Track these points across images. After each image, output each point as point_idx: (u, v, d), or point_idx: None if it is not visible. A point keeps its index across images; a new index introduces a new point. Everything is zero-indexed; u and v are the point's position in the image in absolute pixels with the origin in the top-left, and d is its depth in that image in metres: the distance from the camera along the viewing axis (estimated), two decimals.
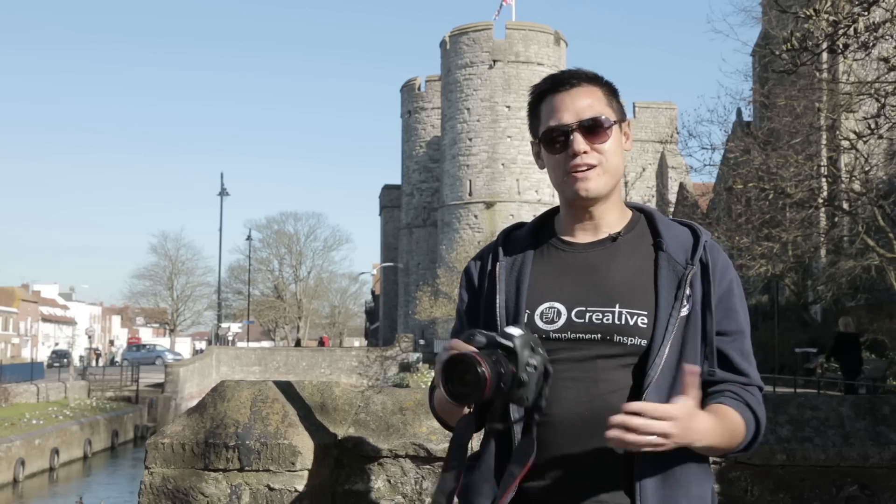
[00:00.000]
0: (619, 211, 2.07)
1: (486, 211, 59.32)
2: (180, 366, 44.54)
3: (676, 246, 2.01)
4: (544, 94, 2.05)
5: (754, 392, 1.99)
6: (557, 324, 1.96)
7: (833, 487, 3.16)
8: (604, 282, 1.97)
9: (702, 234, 2.04)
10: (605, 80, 2.07)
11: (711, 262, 1.99)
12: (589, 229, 2.05)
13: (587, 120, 1.98)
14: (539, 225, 2.14)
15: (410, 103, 70.75)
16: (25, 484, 28.16)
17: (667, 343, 1.91)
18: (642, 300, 1.95)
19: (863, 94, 16.77)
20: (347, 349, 58.95)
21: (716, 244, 2.05)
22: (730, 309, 2.00)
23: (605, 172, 2.00)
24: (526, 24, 60.99)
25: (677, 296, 1.94)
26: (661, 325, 1.92)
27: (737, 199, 24.27)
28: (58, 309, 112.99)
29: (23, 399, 36.09)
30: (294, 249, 79.64)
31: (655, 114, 65.23)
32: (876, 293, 25.42)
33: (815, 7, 8.68)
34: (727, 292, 2.00)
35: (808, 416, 3.20)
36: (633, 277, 1.98)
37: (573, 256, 2.03)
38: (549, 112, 2.03)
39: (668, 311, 1.93)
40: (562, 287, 1.99)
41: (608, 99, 2.04)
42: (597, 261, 2.01)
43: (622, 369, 1.93)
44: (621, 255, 2.01)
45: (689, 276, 1.96)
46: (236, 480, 3.06)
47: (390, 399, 3.33)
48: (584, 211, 2.04)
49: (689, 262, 1.98)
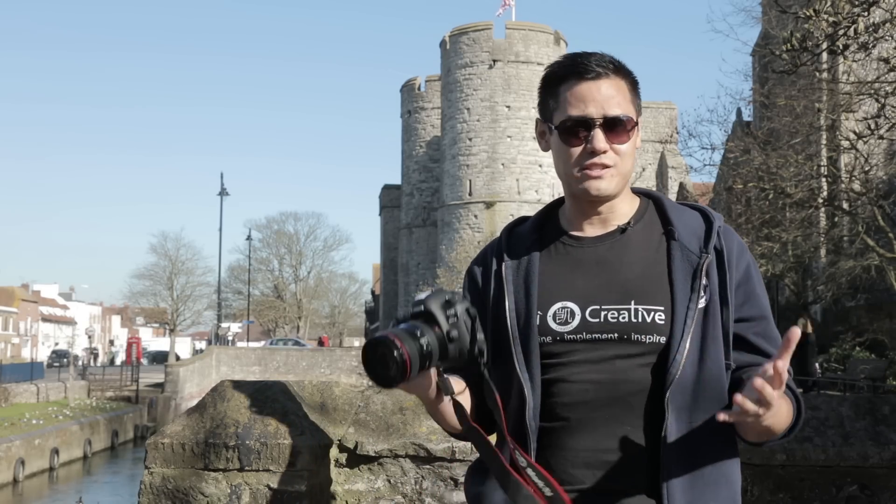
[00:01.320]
0: (627, 202, 1.97)
1: (486, 211, 59.31)
2: (180, 366, 44.52)
3: (688, 233, 1.91)
4: (566, 77, 1.91)
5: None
6: (572, 324, 1.87)
7: (833, 487, 3.16)
8: (617, 277, 1.88)
9: (714, 218, 1.94)
10: (629, 72, 1.96)
11: (727, 248, 1.89)
12: (597, 223, 1.96)
13: (612, 117, 1.88)
14: (543, 219, 2.05)
15: (410, 103, 70.73)
16: (25, 484, 28.16)
17: (686, 338, 1.82)
18: (658, 294, 1.86)
19: (863, 95, 16.77)
20: (347, 349, 58.88)
21: (729, 228, 1.96)
22: (750, 294, 1.90)
23: (619, 174, 1.91)
24: (526, 24, 60.99)
25: (693, 287, 1.85)
26: (680, 319, 1.83)
27: (737, 199, 24.26)
28: (58, 309, 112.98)
29: (23, 399, 36.10)
30: (294, 249, 79.69)
31: (655, 114, 65.19)
32: (876, 293, 25.40)
33: (815, 7, 8.68)
34: (745, 277, 1.90)
35: (808, 415, 3.20)
36: (647, 270, 1.88)
37: (582, 251, 1.94)
38: (571, 99, 1.89)
39: (686, 305, 1.84)
40: (573, 285, 1.90)
41: (632, 94, 1.94)
42: (608, 255, 1.91)
43: (642, 368, 1.84)
44: (632, 247, 1.92)
45: (704, 265, 1.87)
46: (236, 480, 3.06)
47: (390, 399, 3.33)
48: (591, 206, 1.94)
49: (704, 250, 1.88)
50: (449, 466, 3.21)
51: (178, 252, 66.51)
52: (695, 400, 1.82)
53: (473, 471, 2.01)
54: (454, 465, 3.20)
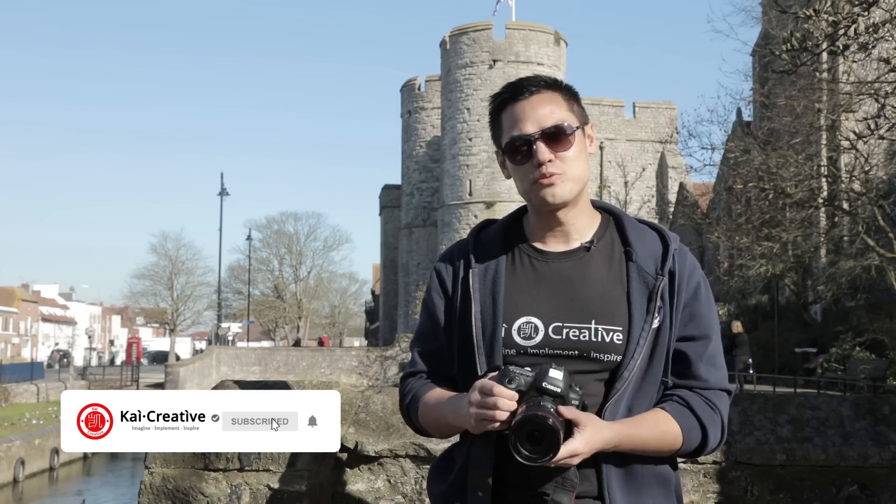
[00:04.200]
0: (587, 216, 2.07)
1: (486, 211, 59.31)
2: (180, 365, 44.56)
3: (646, 254, 2.01)
4: (504, 103, 2.03)
5: (711, 396, 2.00)
6: (535, 339, 1.95)
7: (833, 487, 3.16)
8: (579, 295, 1.97)
9: (671, 241, 2.04)
10: (564, 85, 2.05)
11: (679, 270, 1.99)
12: (560, 236, 2.04)
13: (549, 128, 1.97)
14: (508, 226, 2.12)
15: (410, 103, 70.73)
16: (25, 484, 28.16)
17: (637, 357, 1.93)
18: (616, 315, 1.96)
19: (863, 95, 16.78)
20: (347, 349, 58.92)
21: (684, 248, 2.05)
22: (695, 314, 2.01)
23: (570, 179, 1.98)
24: (526, 24, 61.00)
25: (649, 309, 1.96)
26: (634, 340, 1.94)
27: (737, 199, 24.28)
28: (58, 309, 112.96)
29: (23, 399, 36.11)
30: (294, 249, 79.63)
31: (655, 114, 65.15)
32: (876, 293, 25.40)
33: (815, 7, 8.68)
34: (693, 297, 2.01)
35: (807, 416, 3.20)
36: (607, 290, 1.98)
37: (547, 267, 2.02)
38: (510, 122, 2.01)
39: (641, 326, 1.94)
40: (538, 300, 1.98)
41: (569, 104, 2.02)
42: (571, 273, 2.00)
43: (596, 382, 1.95)
44: (594, 266, 2.01)
45: (659, 287, 1.97)
46: (236, 480, 3.06)
47: (390, 399, 3.33)
48: (552, 216, 2.03)
49: (660, 272, 1.99)
50: None
51: (178, 252, 66.50)
52: (629, 410, 1.94)
53: (437, 469, 2.10)
54: None
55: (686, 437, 1.96)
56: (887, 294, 24.05)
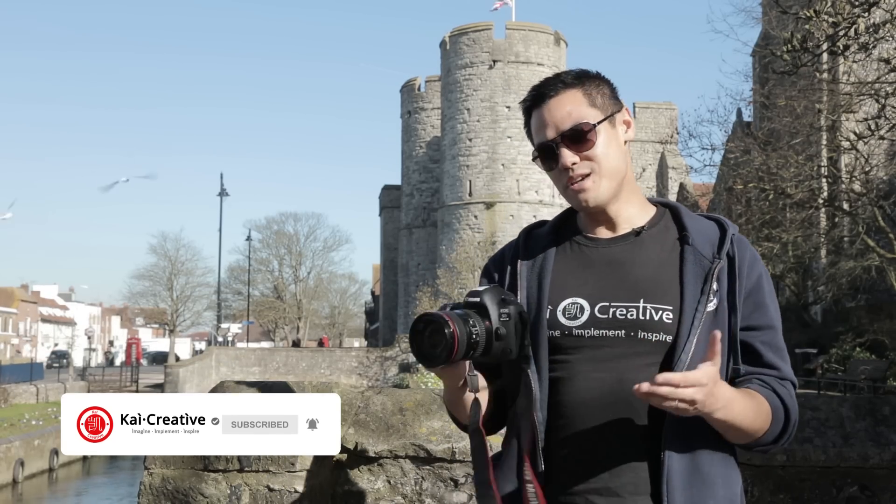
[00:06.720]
0: (638, 206, 2.02)
1: (486, 211, 59.31)
2: (180, 366, 44.59)
3: (703, 239, 1.95)
4: (529, 110, 2.01)
5: (786, 385, 1.93)
6: (580, 319, 1.90)
7: (833, 488, 3.16)
8: (628, 276, 1.92)
9: (729, 227, 1.98)
10: (585, 78, 1.99)
11: (739, 256, 1.93)
12: (609, 227, 2.01)
13: (568, 131, 1.93)
14: (561, 222, 2.09)
15: (410, 103, 70.74)
16: (25, 484, 28.15)
17: (693, 339, 1.84)
18: (667, 295, 1.89)
19: (863, 95, 16.79)
20: (347, 350, 58.94)
21: (744, 238, 1.99)
22: (759, 304, 1.94)
23: (602, 177, 1.94)
24: (526, 24, 60.99)
25: (704, 290, 1.88)
26: (687, 320, 1.86)
27: (737, 200, 24.29)
28: (57, 309, 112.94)
29: (22, 399, 36.12)
30: (294, 250, 79.62)
31: (655, 114, 65.19)
32: (876, 293, 25.42)
33: (816, 8, 8.68)
34: (756, 287, 1.94)
35: (808, 416, 3.20)
36: (658, 272, 1.92)
37: (596, 252, 1.98)
38: (536, 128, 1.99)
39: (694, 306, 1.87)
40: (585, 282, 1.94)
41: (590, 98, 1.97)
42: (620, 255, 1.96)
43: (647, 368, 1.84)
44: (645, 249, 1.96)
45: (715, 270, 1.90)
46: (236, 481, 3.06)
47: (390, 400, 3.33)
48: (598, 213, 2.00)
49: (717, 255, 1.92)
50: (449, 467, 3.21)
51: (178, 252, 66.43)
52: None
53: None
54: (454, 466, 3.20)
55: (774, 417, 1.87)
56: (887, 295, 24.05)
